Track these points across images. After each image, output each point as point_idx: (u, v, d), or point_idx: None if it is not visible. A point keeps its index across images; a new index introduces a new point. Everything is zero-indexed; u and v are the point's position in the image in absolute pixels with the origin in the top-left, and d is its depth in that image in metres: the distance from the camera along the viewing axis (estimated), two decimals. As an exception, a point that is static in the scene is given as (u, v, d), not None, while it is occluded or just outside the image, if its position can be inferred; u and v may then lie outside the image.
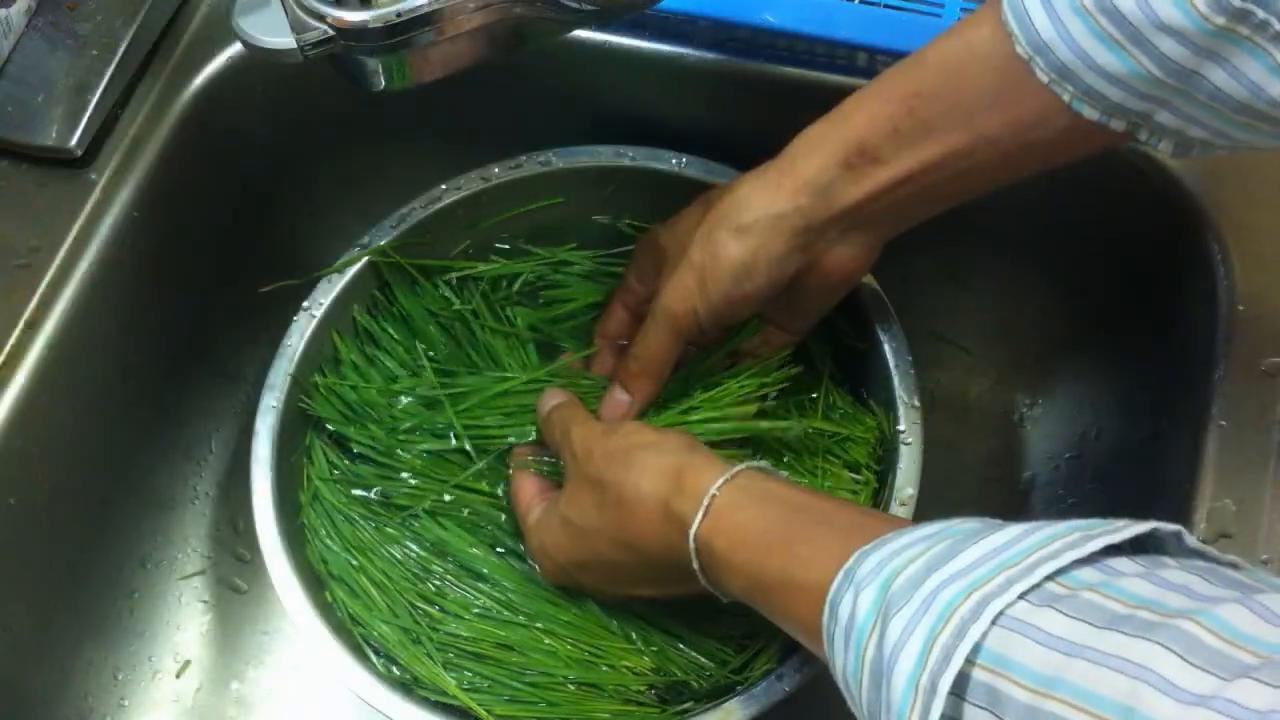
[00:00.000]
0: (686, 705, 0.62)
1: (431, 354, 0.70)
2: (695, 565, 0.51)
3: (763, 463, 0.54)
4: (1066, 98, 0.47)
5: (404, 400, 0.69)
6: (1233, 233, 0.64)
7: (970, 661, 0.35)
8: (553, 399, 0.65)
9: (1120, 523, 0.38)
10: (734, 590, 0.51)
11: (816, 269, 0.59)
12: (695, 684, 0.62)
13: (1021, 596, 0.35)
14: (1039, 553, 0.36)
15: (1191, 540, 0.38)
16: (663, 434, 0.57)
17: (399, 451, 0.67)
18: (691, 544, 0.51)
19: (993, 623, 0.35)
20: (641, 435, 0.57)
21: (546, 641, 0.63)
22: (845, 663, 0.40)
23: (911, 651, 0.36)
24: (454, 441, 0.67)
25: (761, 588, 0.48)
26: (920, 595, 0.37)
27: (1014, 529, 0.38)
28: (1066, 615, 0.34)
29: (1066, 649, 0.33)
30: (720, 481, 0.51)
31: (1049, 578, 0.35)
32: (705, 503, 0.51)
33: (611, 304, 0.69)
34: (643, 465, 0.54)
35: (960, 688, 0.35)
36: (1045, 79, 0.47)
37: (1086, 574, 0.36)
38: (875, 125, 0.53)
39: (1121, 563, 0.36)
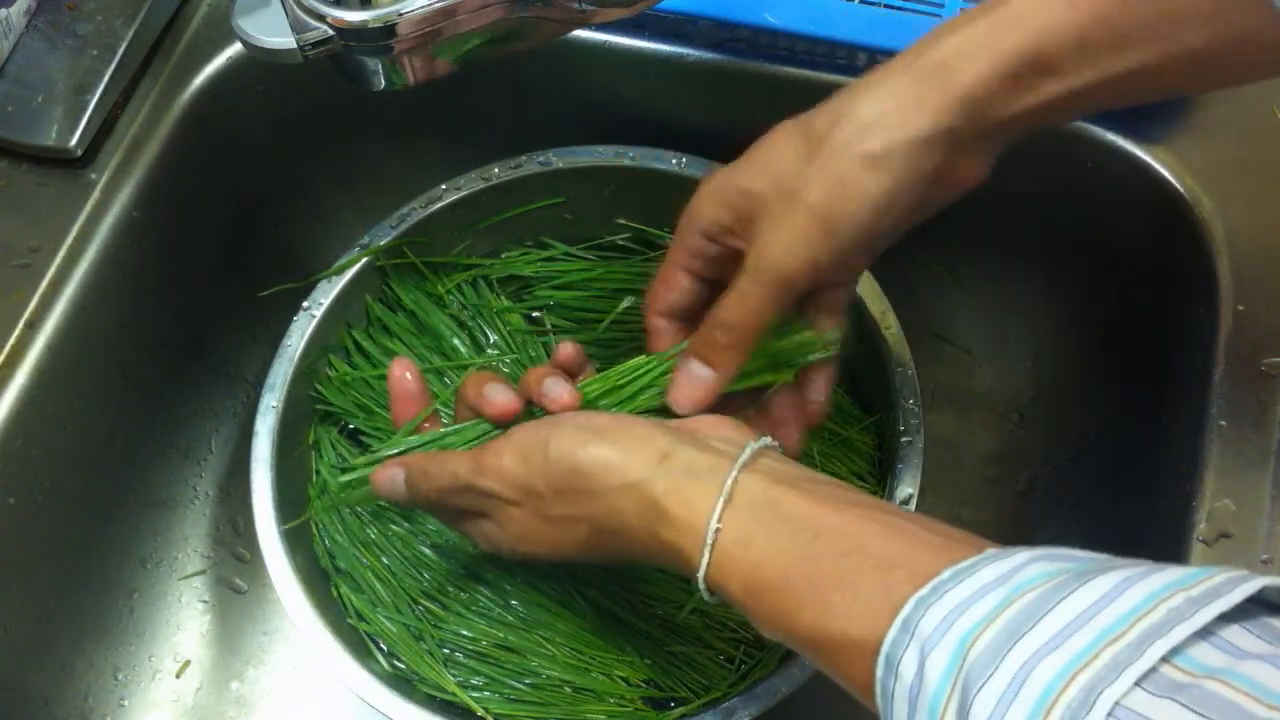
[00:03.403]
0: (681, 710, 0.62)
1: (430, 351, 0.71)
2: (706, 598, 0.46)
3: (760, 444, 0.47)
4: None
5: None
6: (1232, 233, 0.64)
7: None
8: (398, 473, 0.54)
9: (1219, 577, 0.33)
10: (763, 633, 0.44)
11: (935, 186, 0.49)
12: (690, 697, 0.62)
13: (1136, 683, 0.31)
14: (1142, 624, 0.32)
15: None
16: (611, 437, 0.47)
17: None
18: (702, 585, 0.45)
19: (1107, 715, 0.31)
20: (585, 449, 0.47)
21: (544, 646, 0.63)
22: None
23: None
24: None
25: (795, 640, 0.42)
26: (1008, 668, 0.33)
27: (1098, 582, 0.34)
28: (1195, 713, 0.30)
29: None
30: (718, 510, 0.44)
31: (1163, 658, 0.31)
32: (709, 541, 0.44)
33: (668, 271, 0.55)
34: (613, 494, 0.46)
35: None
36: None
37: (1204, 653, 0.31)
38: (1058, 34, 0.45)
39: (1237, 635, 0.32)
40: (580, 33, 0.70)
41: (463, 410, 0.56)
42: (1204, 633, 0.32)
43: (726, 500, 0.44)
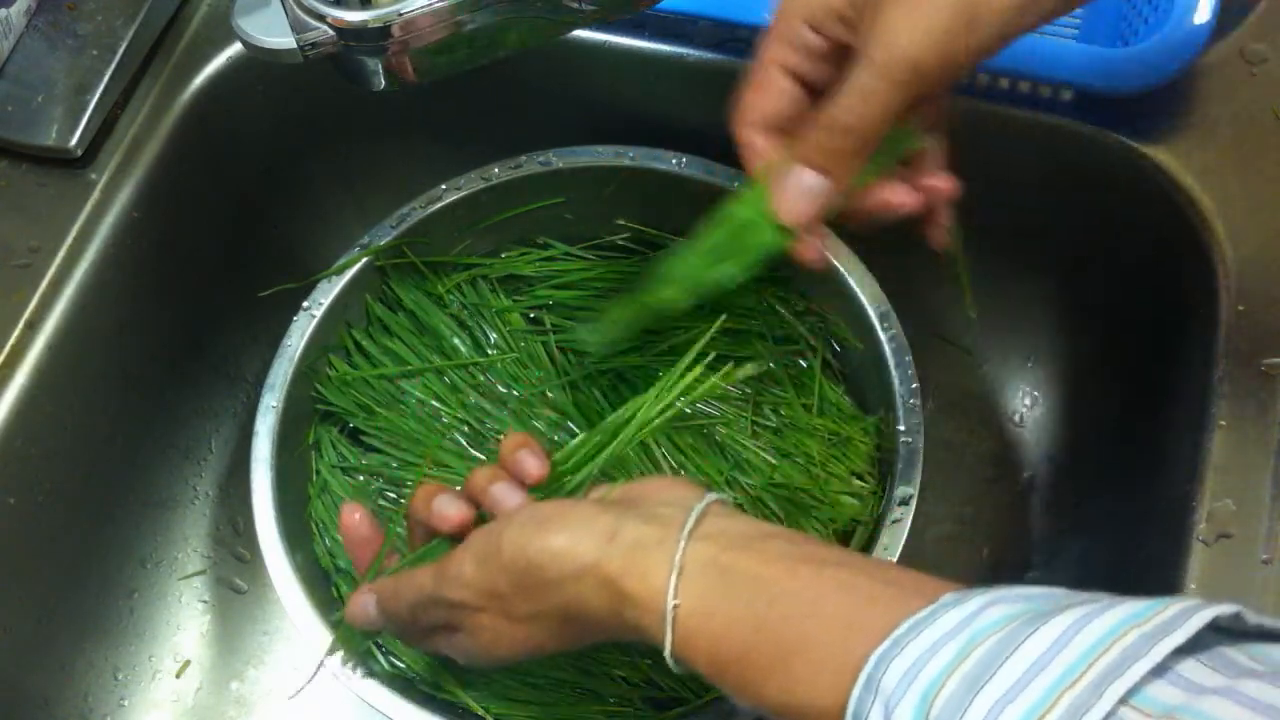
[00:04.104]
0: (681, 710, 0.62)
1: (430, 351, 0.71)
2: (678, 672, 0.45)
3: (710, 499, 0.46)
4: None
5: (412, 394, 0.69)
6: (1233, 233, 0.64)
7: None
8: (369, 599, 0.53)
9: (1172, 609, 0.33)
10: (734, 701, 0.44)
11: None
12: (690, 697, 0.62)
13: None
14: (1098, 665, 0.32)
15: (1254, 618, 0.33)
16: (555, 527, 0.46)
17: (406, 443, 0.68)
18: (670, 663, 0.44)
19: None
20: (534, 544, 0.46)
21: None
22: None
23: None
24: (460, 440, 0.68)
25: (764, 709, 0.42)
26: None
27: (1055, 622, 0.34)
28: None
29: None
30: (673, 584, 0.43)
31: (1121, 700, 0.31)
32: (669, 618, 0.43)
33: (762, 73, 0.49)
34: (571, 581, 0.45)
35: None
36: None
37: (1161, 691, 0.31)
38: None
39: (1193, 669, 0.32)
40: (580, 33, 0.70)
41: (416, 529, 0.55)
42: (1160, 669, 0.31)
43: (679, 573, 0.43)
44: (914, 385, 0.64)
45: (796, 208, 0.49)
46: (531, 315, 0.73)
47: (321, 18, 0.53)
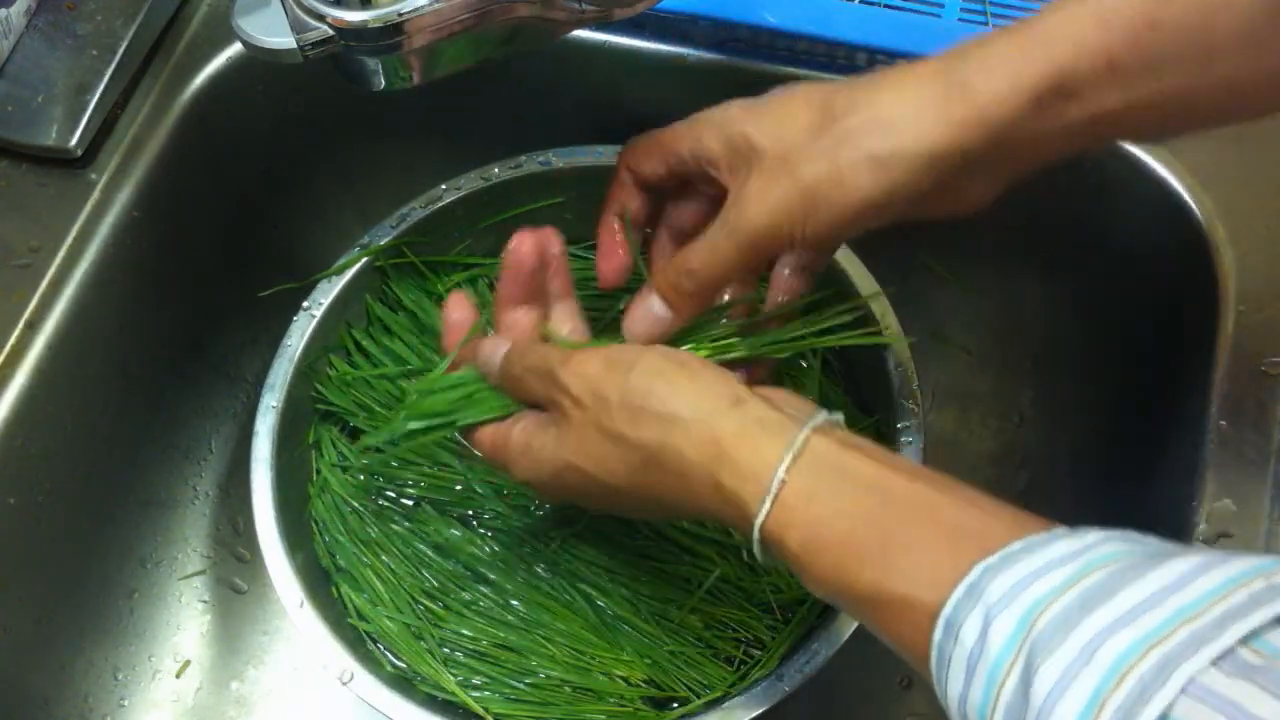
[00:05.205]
0: (681, 710, 0.62)
1: (431, 351, 0.71)
2: (756, 551, 0.44)
3: (832, 416, 0.46)
4: None
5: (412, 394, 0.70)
6: (1233, 233, 0.64)
7: None
8: (502, 346, 0.54)
9: None
10: (812, 590, 0.44)
11: (935, 200, 0.48)
12: (690, 697, 0.62)
13: (1211, 663, 0.30)
14: (1221, 605, 0.32)
15: None
16: (690, 372, 0.47)
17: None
18: (756, 535, 0.43)
19: (1181, 690, 0.30)
20: (664, 375, 0.47)
21: (544, 646, 0.63)
22: (966, 693, 0.36)
23: (1073, 706, 0.31)
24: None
25: (851, 599, 0.42)
26: (1077, 639, 0.32)
27: (1175, 564, 0.33)
28: (1271, 695, 0.30)
29: None
30: (786, 462, 0.43)
31: (1242, 640, 0.31)
32: (773, 490, 0.43)
33: (627, 182, 0.55)
34: (682, 428, 0.45)
35: None
36: None
37: (1279, 639, 0.31)
38: (1086, 56, 0.43)
39: None
40: (580, 33, 0.70)
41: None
42: None
43: (795, 455, 0.43)
44: (914, 385, 0.64)
45: (640, 327, 0.53)
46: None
47: (321, 18, 0.53)
